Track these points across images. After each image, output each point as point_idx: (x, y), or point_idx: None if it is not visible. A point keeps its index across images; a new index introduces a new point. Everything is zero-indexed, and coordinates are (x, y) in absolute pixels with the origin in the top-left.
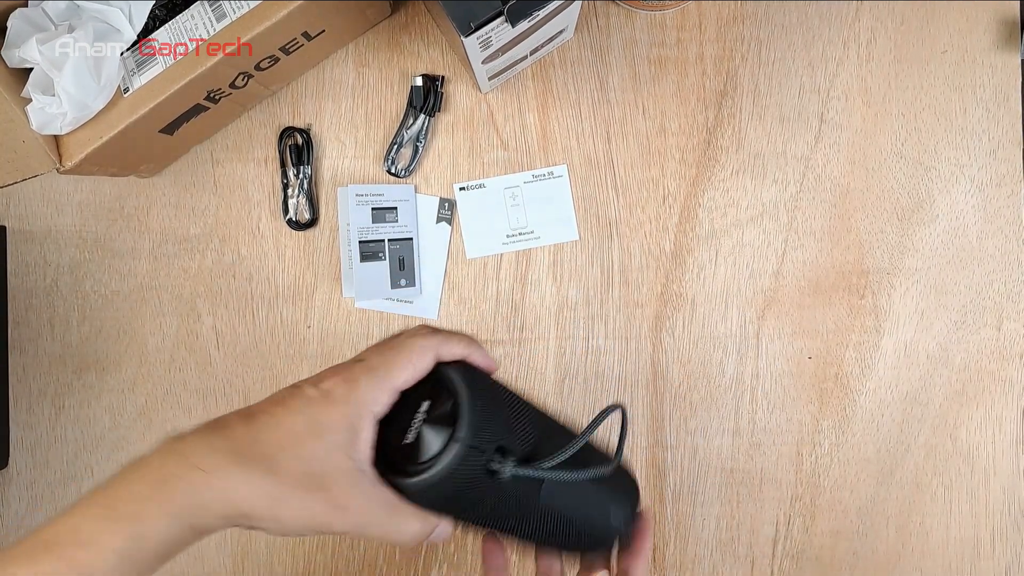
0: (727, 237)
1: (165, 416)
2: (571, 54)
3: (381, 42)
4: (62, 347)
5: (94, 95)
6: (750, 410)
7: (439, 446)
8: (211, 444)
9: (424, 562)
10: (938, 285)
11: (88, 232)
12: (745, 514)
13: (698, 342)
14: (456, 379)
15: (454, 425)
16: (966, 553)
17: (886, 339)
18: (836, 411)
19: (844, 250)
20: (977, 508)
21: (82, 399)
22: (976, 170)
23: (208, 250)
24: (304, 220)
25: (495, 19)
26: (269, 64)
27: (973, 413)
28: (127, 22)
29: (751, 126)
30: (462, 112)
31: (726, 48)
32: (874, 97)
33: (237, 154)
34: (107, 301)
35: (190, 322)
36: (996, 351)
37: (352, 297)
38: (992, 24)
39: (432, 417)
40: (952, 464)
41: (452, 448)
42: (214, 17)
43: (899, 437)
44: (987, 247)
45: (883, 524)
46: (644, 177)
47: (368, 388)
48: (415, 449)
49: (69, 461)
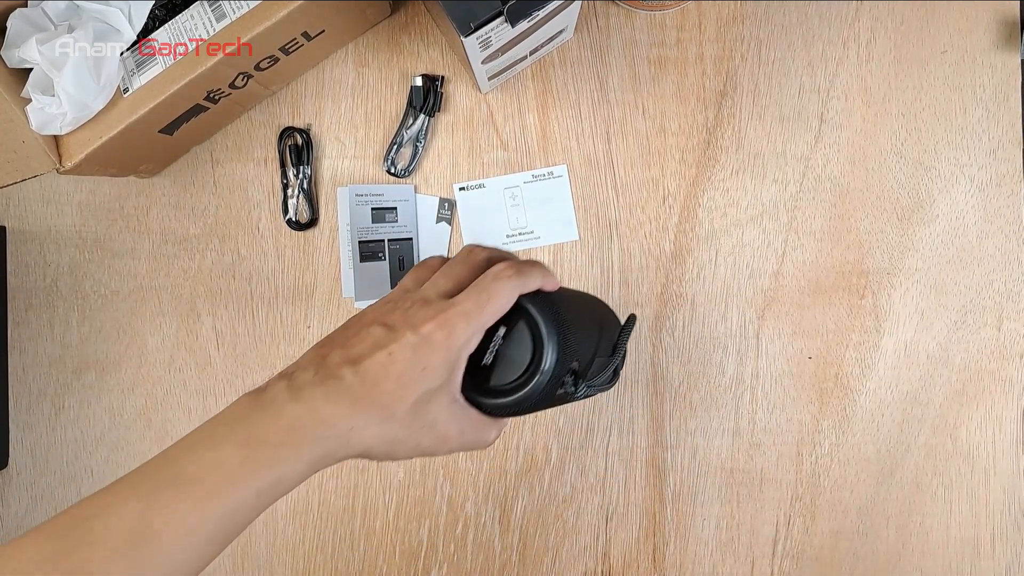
0: (727, 237)
1: (165, 416)
2: (571, 54)
3: (381, 42)
4: (62, 347)
5: (94, 95)
6: (750, 410)
7: (519, 371)
8: (328, 395)
9: (424, 562)
10: (938, 285)
11: (88, 232)
12: (745, 514)
13: (698, 342)
14: (537, 314)
15: (533, 354)
16: (966, 553)
17: (886, 339)
18: (836, 411)
19: (844, 250)
20: (977, 508)
21: (82, 399)
22: (976, 170)
23: (208, 250)
24: (304, 220)
25: (495, 19)
26: (269, 64)
27: (973, 413)
28: (127, 22)
29: (751, 126)
30: (462, 112)
31: (726, 48)
32: (874, 97)
33: (237, 154)
34: (107, 301)
35: (190, 322)
36: (996, 351)
37: (352, 297)
38: (992, 24)
39: (510, 342)
40: (952, 464)
41: (535, 378)
42: (214, 17)
43: (899, 437)
44: (987, 247)
45: (883, 524)
46: (644, 177)
47: (464, 333)
48: (491, 370)
49: (69, 461)
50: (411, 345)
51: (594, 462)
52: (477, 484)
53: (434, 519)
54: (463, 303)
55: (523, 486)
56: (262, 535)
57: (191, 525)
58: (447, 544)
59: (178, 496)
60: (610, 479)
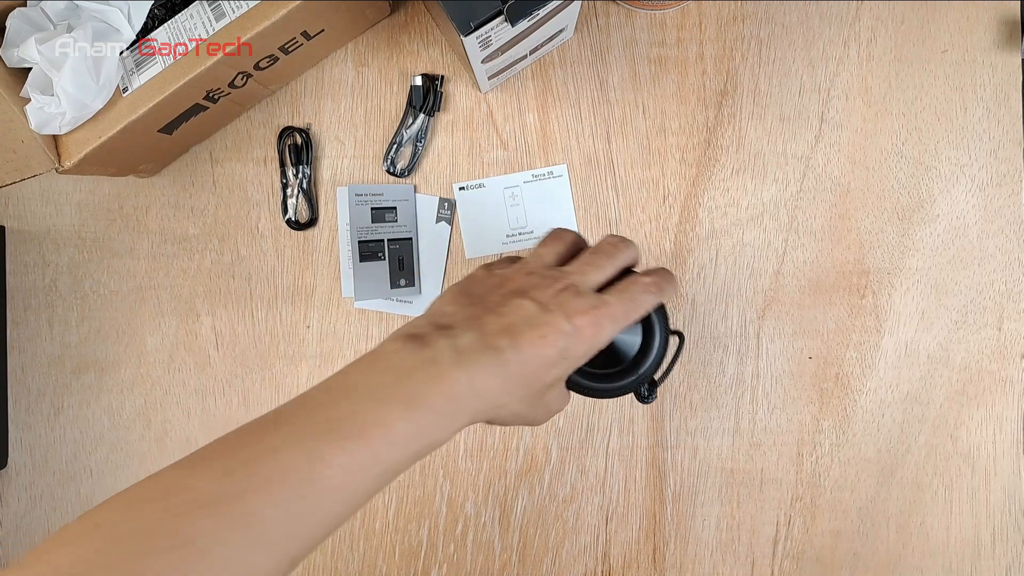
0: (727, 237)
1: (164, 416)
2: (571, 53)
3: (380, 42)
4: (61, 347)
5: (93, 95)
6: (750, 410)
7: (619, 363)
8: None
9: (424, 562)
10: (939, 285)
11: (87, 232)
12: (745, 514)
13: (698, 342)
14: (657, 324)
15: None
16: (967, 553)
17: (886, 339)
18: (836, 411)
19: (844, 250)
20: (978, 508)
21: (81, 399)
22: (977, 169)
23: (207, 250)
24: (303, 220)
25: (495, 18)
26: (268, 64)
27: (974, 413)
28: (126, 22)
29: (751, 126)
30: (462, 112)
31: (726, 47)
32: (874, 96)
33: (236, 154)
34: (106, 301)
35: (189, 322)
36: (997, 351)
37: (351, 297)
38: (993, 23)
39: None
40: (952, 464)
41: (635, 373)
42: (213, 17)
43: (899, 437)
44: (988, 247)
45: (883, 524)
46: (644, 177)
47: (608, 333)
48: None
49: (68, 461)
50: (564, 333)
51: (594, 462)
52: (477, 484)
53: (434, 519)
54: (614, 306)
55: (523, 486)
56: None
57: (352, 481)
58: (447, 544)
59: (343, 449)
60: (610, 479)
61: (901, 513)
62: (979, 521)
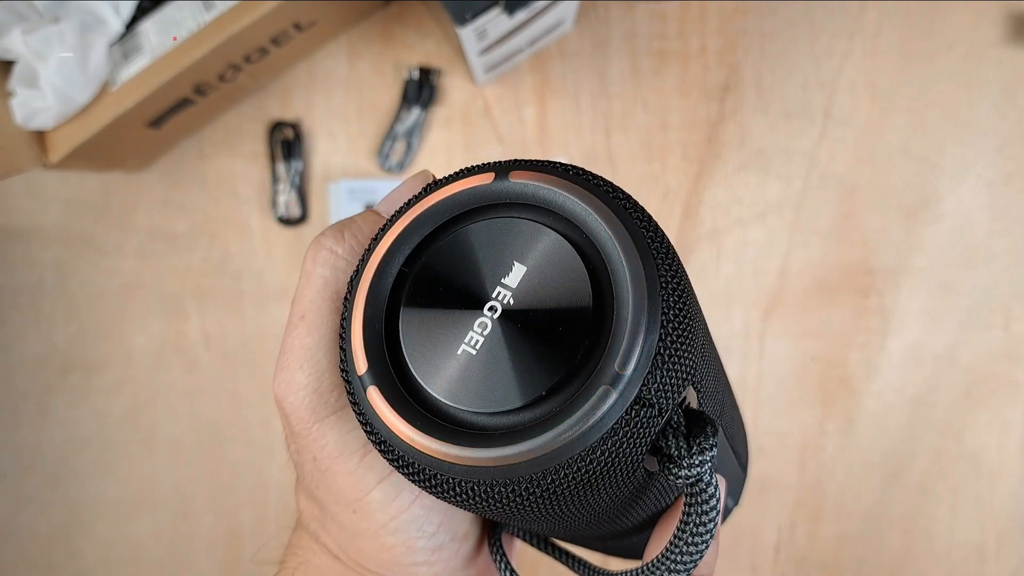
0: (730, 235)
1: (152, 419)
2: (570, 46)
3: (374, 33)
4: (47, 347)
5: (80, 88)
6: (753, 413)
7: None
8: None
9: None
10: (945, 284)
11: (74, 229)
12: (747, 518)
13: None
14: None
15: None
16: (972, 558)
17: (892, 340)
18: (841, 414)
19: (849, 249)
20: (983, 512)
21: (68, 400)
22: (983, 167)
23: (196, 247)
24: (294, 216)
25: (492, 9)
26: (259, 56)
27: (980, 415)
28: (114, 13)
29: (754, 121)
30: (458, 105)
31: (729, 41)
32: (880, 92)
33: (226, 149)
34: (93, 300)
35: (178, 322)
36: (1004, 352)
37: None
38: (1000, 18)
39: None
40: (958, 467)
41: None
42: (202, 8)
43: (904, 440)
44: (995, 246)
45: (888, 529)
46: (645, 173)
47: None
48: None
49: (55, 463)
50: None
51: None
52: None
53: None
54: None
55: None
56: (250, 539)
57: None
58: None
59: None
60: None
61: (906, 517)
62: (985, 526)
